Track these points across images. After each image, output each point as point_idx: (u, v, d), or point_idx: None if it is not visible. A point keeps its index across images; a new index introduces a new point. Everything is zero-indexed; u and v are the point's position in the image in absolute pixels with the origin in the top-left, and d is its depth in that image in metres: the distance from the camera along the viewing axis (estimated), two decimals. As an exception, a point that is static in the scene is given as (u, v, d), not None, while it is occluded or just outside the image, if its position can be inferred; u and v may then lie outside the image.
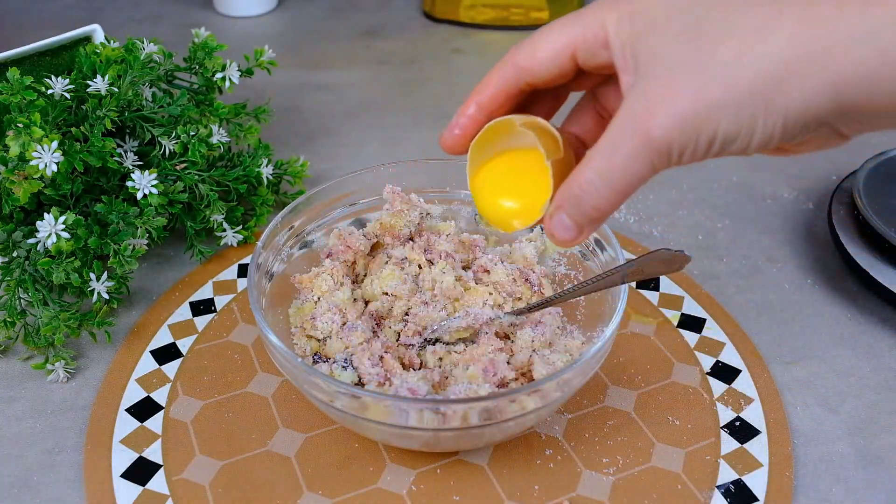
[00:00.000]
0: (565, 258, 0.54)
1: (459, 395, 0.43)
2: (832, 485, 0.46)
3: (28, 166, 0.49)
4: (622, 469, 0.46)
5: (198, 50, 0.65)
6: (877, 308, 0.59)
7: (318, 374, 0.41)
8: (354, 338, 0.48)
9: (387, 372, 0.46)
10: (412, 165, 0.55)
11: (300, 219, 0.53)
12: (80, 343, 0.55)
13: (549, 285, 0.53)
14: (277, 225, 0.51)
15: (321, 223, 0.54)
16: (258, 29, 1.03)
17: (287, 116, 0.82)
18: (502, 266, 0.52)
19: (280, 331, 0.50)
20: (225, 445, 0.47)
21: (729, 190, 0.71)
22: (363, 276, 0.53)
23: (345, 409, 0.41)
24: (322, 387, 0.41)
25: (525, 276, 0.52)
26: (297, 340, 0.50)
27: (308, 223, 0.54)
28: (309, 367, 0.41)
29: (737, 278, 0.61)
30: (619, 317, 0.44)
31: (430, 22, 1.05)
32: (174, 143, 0.58)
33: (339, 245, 0.52)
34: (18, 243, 0.53)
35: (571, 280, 0.54)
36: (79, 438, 0.48)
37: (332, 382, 0.40)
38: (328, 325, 0.49)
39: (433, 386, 0.45)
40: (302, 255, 0.54)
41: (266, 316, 0.48)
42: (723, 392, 0.51)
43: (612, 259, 0.49)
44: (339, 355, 0.48)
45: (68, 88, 0.54)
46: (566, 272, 0.54)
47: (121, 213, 0.54)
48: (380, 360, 0.46)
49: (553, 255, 0.55)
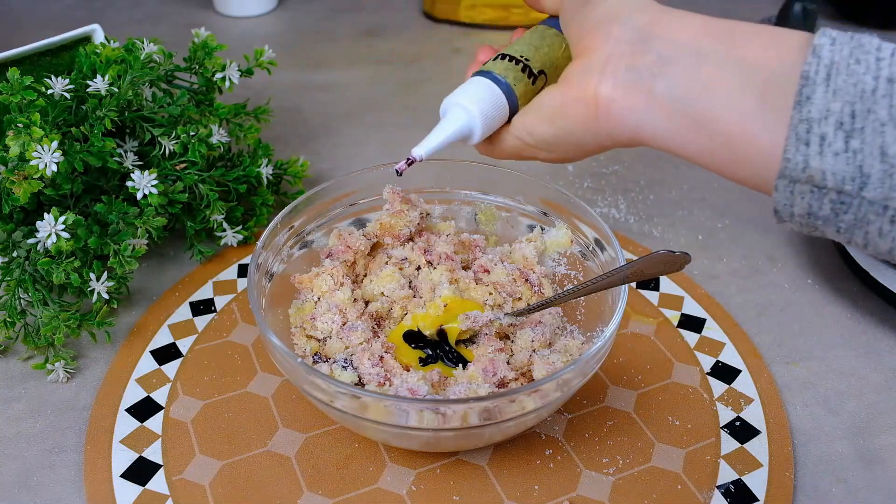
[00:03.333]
0: (565, 258, 0.54)
1: (459, 395, 0.43)
2: (832, 485, 0.46)
3: (28, 166, 0.49)
4: (622, 469, 0.46)
5: (198, 50, 0.65)
6: (877, 308, 0.59)
7: (318, 375, 0.41)
8: (354, 338, 0.48)
9: (387, 372, 0.46)
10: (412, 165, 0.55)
11: (300, 218, 0.53)
12: (80, 343, 0.55)
13: (549, 285, 0.53)
14: (277, 225, 0.51)
15: (321, 223, 0.54)
16: (258, 29, 1.03)
17: (287, 116, 0.82)
18: (502, 266, 0.52)
19: (280, 331, 0.50)
20: (225, 445, 0.47)
21: (729, 190, 0.71)
22: (363, 276, 0.53)
23: (345, 410, 0.41)
24: (322, 387, 0.41)
25: (525, 277, 0.52)
26: (297, 340, 0.50)
27: (308, 223, 0.54)
28: (309, 367, 0.41)
29: (737, 278, 0.61)
30: (619, 317, 0.44)
31: (430, 22, 1.05)
32: (174, 143, 0.58)
33: (339, 245, 0.52)
34: (18, 243, 0.53)
35: (571, 280, 0.54)
36: (79, 438, 0.48)
37: (333, 382, 0.40)
38: (328, 325, 0.49)
39: (433, 386, 0.45)
40: (302, 255, 0.54)
41: (266, 316, 0.48)
42: (723, 392, 0.51)
43: (612, 259, 0.49)
44: (339, 355, 0.48)
45: (68, 88, 0.54)
46: (566, 272, 0.54)
47: (121, 213, 0.54)
48: (380, 360, 0.46)
49: (553, 254, 0.55)
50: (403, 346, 0.49)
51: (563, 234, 0.54)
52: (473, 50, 0.98)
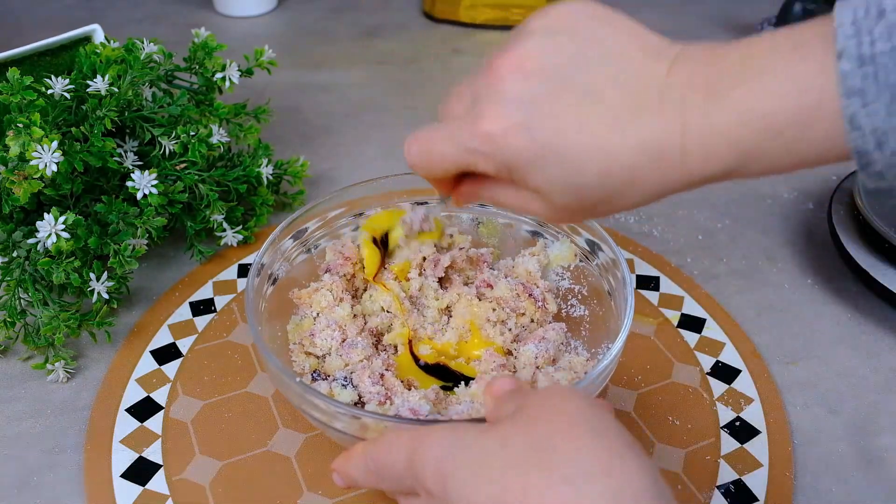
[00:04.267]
0: (569, 273, 0.54)
1: (462, 414, 0.42)
2: (832, 485, 0.46)
3: (28, 166, 0.49)
4: (622, 469, 0.46)
5: (198, 50, 0.65)
6: (877, 308, 0.59)
7: (316, 394, 0.39)
8: (354, 355, 0.47)
9: (387, 390, 0.45)
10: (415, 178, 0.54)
11: (302, 226, 0.52)
12: (80, 343, 0.55)
13: (553, 300, 0.52)
14: (276, 238, 0.49)
15: (326, 232, 0.54)
16: (258, 29, 1.03)
17: (287, 116, 0.82)
18: (505, 281, 0.51)
19: (278, 347, 0.49)
20: (225, 445, 0.47)
21: (729, 190, 0.71)
22: (363, 290, 0.52)
23: (345, 431, 0.40)
24: (322, 407, 0.40)
25: (529, 291, 0.51)
26: (296, 358, 0.49)
27: (311, 232, 0.53)
28: (307, 387, 0.40)
29: (737, 278, 0.61)
30: (625, 335, 0.43)
31: (430, 22, 1.05)
32: (174, 143, 0.58)
33: (336, 259, 0.51)
34: (18, 243, 0.53)
35: (575, 294, 0.53)
36: (79, 438, 0.48)
37: (332, 403, 0.39)
38: (328, 341, 0.48)
39: (433, 404, 0.44)
40: (303, 261, 0.53)
41: (263, 332, 0.46)
42: (723, 392, 0.51)
43: (610, 260, 0.49)
44: (338, 373, 0.47)
45: (68, 88, 0.54)
46: (570, 286, 0.53)
47: (121, 213, 0.54)
48: (380, 378, 0.45)
49: (556, 268, 0.54)
50: (408, 363, 0.48)
51: (567, 247, 0.53)
52: (473, 50, 0.98)
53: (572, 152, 0.32)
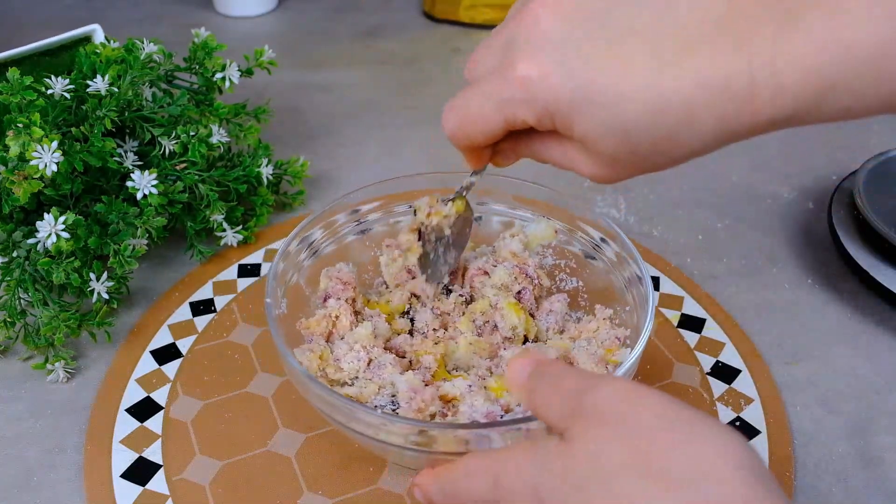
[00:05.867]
0: (550, 249, 0.54)
1: (526, 412, 0.41)
2: (832, 485, 0.46)
3: (28, 166, 0.49)
4: (622, 469, 0.46)
5: (198, 50, 0.65)
6: (877, 308, 0.59)
7: (401, 420, 0.38)
8: (387, 374, 0.45)
9: (443, 404, 0.44)
10: (421, 178, 0.53)
11: (313, 233, 0.51)
12: (80, 343, 0.55)
13: (545, 275, 0.53)
14: (283, 251, 0.48)
15: (334, 237, 0.53)
16: (258, 29, 1.03)
17: (287, 116, 0.82)
18: (502, 267, 0.51)
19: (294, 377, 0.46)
20: (225, 445, 0.47)
21: (729, 190, 0.71)
22: (361, 312, 0.51)
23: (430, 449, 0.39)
24: (396, 430, 0.38)
25: (524, 272, 0.51)
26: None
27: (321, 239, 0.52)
28: (390, 416, 0.39)
29: (737, 278, 0.61)
30: (646, 340, 0.42)
31: (430, 22, 1.05)
32: (174, 143, 0.58)
33: (335, 285, 0.50)
34: (18, 243, 0.53)
35: (562, 269, 0.54)
36: (79, 438, 0.48)
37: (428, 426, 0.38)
38: (354, 364, 0.46)
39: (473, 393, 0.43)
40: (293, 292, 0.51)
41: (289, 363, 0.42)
42: (723, 392, 0.51)
43: (618, 255, 0.49)
44: (377, 399, 0.44)
45: (68, 88, 0.54)
46: (555, 262, 0.54)
47: (121, 213, 0.54)
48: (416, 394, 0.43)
49: (536, 248, 0.54)
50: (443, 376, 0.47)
51: (546, 226, 0.53)
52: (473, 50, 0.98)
53: (619, 90, 0.29)
